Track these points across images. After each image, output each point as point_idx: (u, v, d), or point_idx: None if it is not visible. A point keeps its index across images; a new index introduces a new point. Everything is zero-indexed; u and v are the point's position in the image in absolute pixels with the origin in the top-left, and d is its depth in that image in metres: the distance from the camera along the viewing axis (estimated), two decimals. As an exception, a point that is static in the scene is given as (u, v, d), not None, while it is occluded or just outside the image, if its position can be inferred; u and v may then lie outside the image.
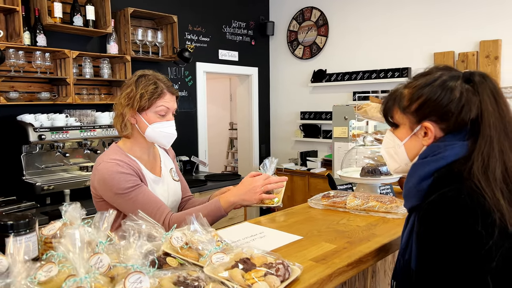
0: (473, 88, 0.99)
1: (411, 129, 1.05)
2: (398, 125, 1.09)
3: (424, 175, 0.98)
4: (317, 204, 1.65)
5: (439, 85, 1.00)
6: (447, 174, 0.95)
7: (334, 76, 4.97)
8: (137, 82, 1.55)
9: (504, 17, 3.79)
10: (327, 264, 1.06)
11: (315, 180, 4.82)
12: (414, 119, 1.04)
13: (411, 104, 1.03)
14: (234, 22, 5.20)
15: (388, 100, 1.11)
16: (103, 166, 1.52)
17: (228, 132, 7.14)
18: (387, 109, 1.11)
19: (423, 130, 1.03)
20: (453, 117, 0.98)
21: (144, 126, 1.56)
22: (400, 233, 1.33)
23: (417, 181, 1.00)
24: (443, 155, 0.97)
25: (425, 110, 1.01)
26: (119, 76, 3.84)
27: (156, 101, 1.54)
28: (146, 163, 1.65)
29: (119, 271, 0.81)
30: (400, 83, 1.12)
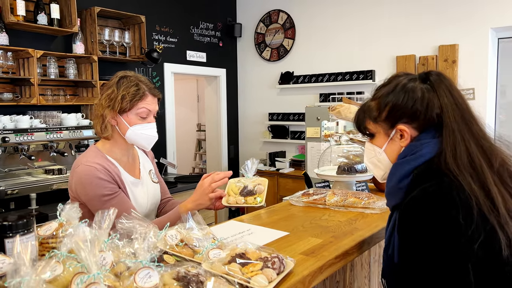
0: (431, 86, 1.06)
1: (387, 135, 1.11)
2: (374, 135, 1.15)
3: (404, 174, 1.04)
4: (298, 201, 1.70)
5: (400, 89, 1.08)
6: (426, 170, 1.01)
7: (301, 78, 5.08)
8: (118, 83, 1.53)
9: (460, 23, 4.02)
10: (317, 257, 1.11)
11: (284, 180, 4.89)
12: (387, 125, 1.10)
13: (381, 113, 1.10)
14: (202, 23, 5.20)
15: (359, 114, 1.18)
16: (82, 169, 1.50)
17: (195, 133, 7.10)
18: (360, 122, 1.18)
19: (398, 133, 1.08)
20: (422, 115, 1.05)
21: (124, 128, 1.54)
22: (380, 227, 1.41)
23: (398, 179, 1.05)
24: (421, 153, 1.03)
25: (395, 114, 1.08)
26: (85, 76, 3.74)
27: (138, 103, 1.53)
28: (125, 165, 1.63)
29: (121, 269, 0.81)
30: (366, 98, 1.20)
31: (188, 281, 0.86)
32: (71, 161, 3.53)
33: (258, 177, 1.60)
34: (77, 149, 3.51)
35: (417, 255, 0.96)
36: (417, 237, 0.96)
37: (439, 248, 0.93)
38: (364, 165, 1.88)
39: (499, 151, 1.02)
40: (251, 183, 1.55)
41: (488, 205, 0.92)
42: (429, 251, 0.94)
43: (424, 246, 0.95)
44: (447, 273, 0.92)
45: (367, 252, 1.75)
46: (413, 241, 0.97)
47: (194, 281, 0.87)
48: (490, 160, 0.99)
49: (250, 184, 1.54)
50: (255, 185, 1.54)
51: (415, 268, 0.97)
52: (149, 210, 1.70)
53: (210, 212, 4.22)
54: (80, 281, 0.67)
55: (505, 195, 0.95)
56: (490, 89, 4.03)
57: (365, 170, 1.88)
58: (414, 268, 0.98)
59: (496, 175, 0.97)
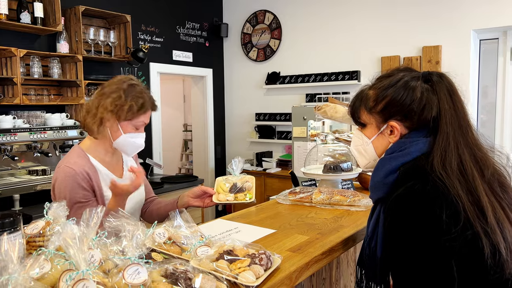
0: (432, 87, 1.05)
1: (378, 128, 1.11)
2: (366, 125, 1.14)
3: (391, 169, 1.05)
4: (285, 200, 1.72)
5: (401, 86, 1.06)
6: (412, 168, 1.02)
7: (288, 78, 5.11)
8: (127, 90, 1.53)
9: (443, 25, 4.10)
10: (304, 254, 1.12)
11: (271, 180, 4.91)
12: (380, 118, 1.10)
13: (377, 105, 1.09)
14: (188, 23, 5.19)
15: (355, 101, 1.17)
16: (62, 170, 1.51)
17: (182, 133, 7.07)
18: (354, 109, 1.17)
19: (389, 128, 1.09)
20: (416, 115, 1.04)
21: (117, 134, 1.55)
22: (364, 224, 1.43)
23: (384, 174, 1.06)
24: (409, 150, 1.04)
25: (390, 110, 1.07)
26: (70, 76, 3.70)
27: (139, 116, 1.55)
28: (108, 165, 1.64)
29: (110, 266, 0.82)
30: (365, 85, 1.18)
31: (177, 278, 0.87)
32: (56, 162, 3.48)
33: (245, 175, 1.61)
34: (62, 149, 3.47)
35: (402, 251, 0.98)
36: (402, 233, 0.98)
37: (422, 244, 0.94)
38: (349, 164, 1.91)
39: (491, 161, 1.03)
40: (239, 181, 1.57)
41: (475, 212, 0.93)
42: (413, 247, 0.95)
43: (408, 242, 0.96)
44: (430, 269, 0.94)
45: (353, 249, 1.78)
46: (398, 237, 0.99)
47: (183, 277, 0.88)
48: (482, 169, 0.99)
49: (238, 182, 1.56)
50: (243, 182, 1.56)
51: (399, 263, 0.99)
52: (132, 209, 1.70)
53: (197, 212, 4.21)
54: (69, 277, 0.67)
55: (495, 205, 0.96)
56: (472, 89, 4.12)
57: (351, 169, 1.90)
58: (398, 263, 0.99)
59: (487, 184, 0.98)
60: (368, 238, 1.12)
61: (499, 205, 0.97)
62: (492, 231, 0.93)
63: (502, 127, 4.02)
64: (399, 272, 1.00)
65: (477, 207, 0.94)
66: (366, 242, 1.13)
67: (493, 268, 0.93)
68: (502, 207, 0.97)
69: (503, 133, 4.02)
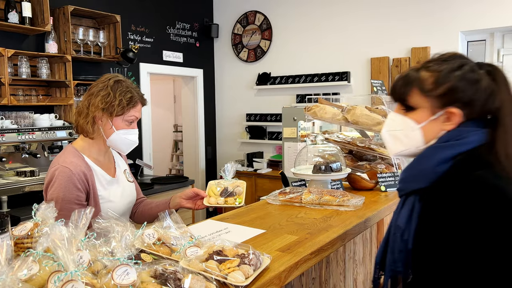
0: (493, 77, 1.01)
1: (432, 113, 1.03)
2: (415, 108, 1.05)
3: (445, 158, 0.99)
4: (275, 200, 1.72)
5: (467, 72, 1.00)
6: (470, 159, 0.97)
7: (278, 79, 5.12)
8: (113, 87, 1.55)
9: (432, 27, 4.15)
10: (293, 253, 1.13)
11: (261, 181, 4.92)
12: (438, 103, 1.02)
13: (436, 88, 1.01)
14: (178, 24, 5.17)
15: (402, 83, 1.07)
16: (59, 170, 1.52)
17: (172, 134, 7.04)
18: (402, 90, 1.06)
19: (446, 115, 1.02)
20: (479, 105, 0.99)
21: (110, 131, 1.57)
22: (354, 223, 1.44)
23: (436, 163, 1.00)
24: (467, 140, 0.99)
25: (451, 96, 1.00)
26: (58, 76, 3.67)
27: (130, 110, 1.57)
28: (102, 164, 1.65)
29: (99, 267, 0.82)
30: (411, 67, 1.10)
31: (166, 278, 0.87)
32: (44, 163, 3.45)
33: (236, 180, 1.62)
34: (50, 150, 3.44)
35: (446, 246, 0.93)
36: (465, 226, 0.91)
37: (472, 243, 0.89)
38: (339, 164, 1.93)
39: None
40: (230, 185, 1.57)
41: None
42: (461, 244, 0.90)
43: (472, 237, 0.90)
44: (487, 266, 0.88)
45: (342, 249, 1.79)
46: (456, 230, 0.92)
47: (172, 278, 0.88)
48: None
49: (229, 186, 1.57)
50: (234, 187, 1.56)
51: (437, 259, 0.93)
52: (125, 209, 1.71)
53: (188, 213, 4.20)
54: (57, 279, 0.67)
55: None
56: (460, 90, 4.17)
57: (340, 169, 1.92)
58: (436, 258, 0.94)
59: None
60: (402, 230, 1.04)
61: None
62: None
63: (489, 127, 4.09)
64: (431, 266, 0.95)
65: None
66: (397, 236, 1.04)
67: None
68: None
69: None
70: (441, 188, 0.96)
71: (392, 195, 1.86)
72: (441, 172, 0.98)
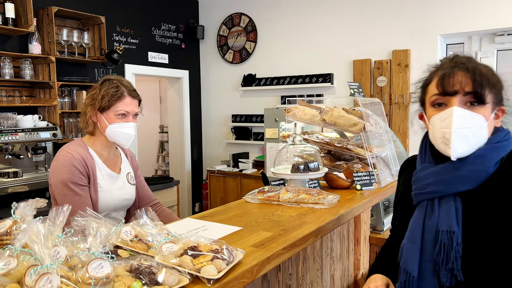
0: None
1: (492, 109, 1.02)
2: (486, 103, 1.01)
3: (497, 159, 1.00)
4: (254, 199, 1.78)
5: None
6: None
7: (264, 80, 5.18)
8: (101, 85, 1.71)
9: (412, 30, 4.25)
10: (266, 249, 1.18)
11: (247, 181, 4.97)
12: (497, 99, 1.02)
13: (498, 84, 1.03)
14: (164, 25, 5.20)
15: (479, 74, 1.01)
16: (61, 154, 1.67)
17: (158, 135, 7.05)
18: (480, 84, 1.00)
19: (498, 112, 1.04)
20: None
21: (104, 126, 1.70)
22: (327, 220, 1.50)
23: (492, 164, 1.00)
24: (510, 141, 1.02)
25: (503, 93, 1.03)
26: (42, 77, 3.67)
27: (116, 103, 1.68)
28: (105, 159, 1.78)
29: (75, 262, 0.86)
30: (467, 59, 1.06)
31: (141, 272, 0.92)
32: (27, 164, 3.45)
33: None
34: (34, 151, 3.44)
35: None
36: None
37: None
38: (316, 164, 1.99)
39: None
40: None
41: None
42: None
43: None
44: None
45: (319, 246, 1.85)
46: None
47: (147, 272, 0.92)
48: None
49: None
50: None
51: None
52: (120, 205, 1.82)
53: (172, 214, 4.22)
54: (34, 271, 0.71)
55: None
56: (439, 92, 4.27)
57: (318, 169, 1.98)
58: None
59: None
60: (457, 234, 0.99)
61: None
62: None
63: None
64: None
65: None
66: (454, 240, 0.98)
67: None
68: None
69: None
70: (491, 190, 0.98)
71: (367, 193, 1.93)
72: (490, 174, 0.99)
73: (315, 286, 1.83)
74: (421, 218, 1.05)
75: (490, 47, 4.08)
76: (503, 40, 3.98)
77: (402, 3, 4.28)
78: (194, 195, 5.71)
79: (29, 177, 3.25)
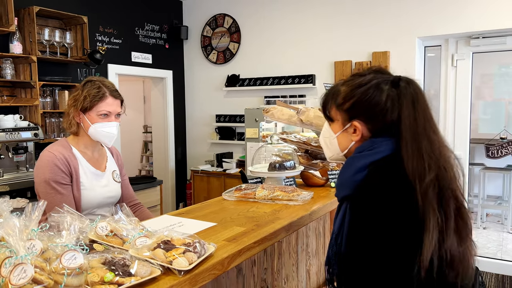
0: (398, 93, 1.07)
1: (343, 125, 1.14)
2: (333, 120, 1.17)
3: (360, 167, 1.07)
4: (231, 196, 1.83)
5: (370, 87, 1.08)
6: (381, 167, 1.05)
7: (247, 81, 5.24)
8: (84, 86, 1.76)
9: (391, 32, 4.36)
10: (237, 243, 1.24)
11: (231, 180, 5.01)
12: (346, 116, 1.13)
13: (345, 103, 1.12)
14: (147, 25, 5.21)
15: (327, 95, 1.18)
16: (44, 154, 1.72)
17: (142, 135, 7.05)
18: (325, 104, 1.19)
19: (352, 127, 1.12)
20: (378, 119, 1.08)
21: (87, 125, 1.74)
22: (299, 215, 1.56)
23: (353, 172, 1.08)
24: (379, 150, 1.07)
25: (356, 110, 1.10)
26: (23, 77, 3.66)
27: (98, 104, 1.73)
28: (89, 158, 1.82)
29: (50, 255, 0.90)
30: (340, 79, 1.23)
31: (114, 264, 0.96)
32: (8, 164, 3.44)
33: None
34: (15, 151, 3.43)
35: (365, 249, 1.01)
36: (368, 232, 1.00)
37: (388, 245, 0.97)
38: (293, 163, 2.05)
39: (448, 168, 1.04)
40: None
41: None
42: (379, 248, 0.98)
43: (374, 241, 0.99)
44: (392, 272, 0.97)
45: (295, 241, 1.92)
46: (364, 235, 1.01)
47: (120, 264, 0.97)
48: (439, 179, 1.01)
49: None
50: None
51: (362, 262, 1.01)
52: (104, 202, 1.86)
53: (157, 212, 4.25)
54: (8, 262, 0.75)
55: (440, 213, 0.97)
56: (417, 93, 4.39)
57: (294, 167, 2.04)
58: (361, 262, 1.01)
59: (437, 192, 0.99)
60: (335, 234, 1.13)
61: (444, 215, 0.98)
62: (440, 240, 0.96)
63: (446, 127, 4.31)
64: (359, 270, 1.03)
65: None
66: (333, 239, 1.13)
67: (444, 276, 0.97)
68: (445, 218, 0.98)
69: (447, 134, 4.31)
70: (358, 196, 1.05)
71: (341, 191, 2.00)
72: (358, 180, 1.06)
73: (291, 281, 1.89)
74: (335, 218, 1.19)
75: (466, 50, 4.21)
76: (478, 43, 4.10)
77: (382, 6, 4.38)
78: (178, 195, 5.73)
79: (10, 177, 3.24)
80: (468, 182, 4.34)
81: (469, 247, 1.03)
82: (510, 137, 4.58)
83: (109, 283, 0.88)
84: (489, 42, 4.06)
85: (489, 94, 6.05)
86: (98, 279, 0.88)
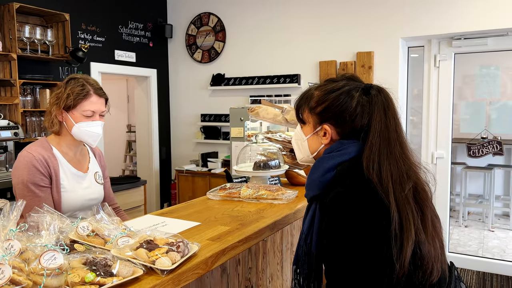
0: (369, 100, 1.11)
1: (314, 128, 1.18)
2: (305, 123, 1.21)
3: (328, 168, 1.10)
4: (215, 195, 1.82)
5: (341, 93, 1.12)
6: (348, 168, 1.08)
7: (232, 80, 5.22)
8: (67, 83, 1.70)
9: (375, 33, 4.40)
10: (222, 242, 1.23)
11: (216, 180, 4.99)
12: (318, 119, 1.16)
13: (317, 107, 1.16)
14: (131, 23, 5.15)
15: (301, 99, 1.22)
16: (23, 155, 1.65)
17: (125, 134, 6.97)
18: (298, 107, 1.22)
19: (323, 130, 1.16)
20: (348, 124, 1.12)
21: (70, 124, 1.68)
22: (284, 214, 1.56)
23: (322, 173, 1.11)
24: (346, 151, 1.11)
25: (327, 114, 1.14)
26: (3, 75, 3.58)
27: (82, 102, 1.67)
28: (70, 159, 1.76)
29: (29, 256, 0.88)
30: (314, 83, 1.24)
31: (96, 265, 0.95)
32: (-12, 164, 3.36)
33: None
34: (-6, 150, 3.35)
35: (337, 249, 1.02)
36: (338, 232, 1.02)
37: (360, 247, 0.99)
38: (277, 162, 2.05)
39: (415, 176, 1.08)
40: None
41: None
42: (350, 248, 1.00)
43: (343, 241, 1.01)
44: (363, 272, 0.99)
45: (279, 240, 1.92)
46: (334, 235, 1.03)
47: (102, 264, 0.95)
48: (402, 183, 1.03)
49: None
50: None
51: (333, 261, 1.03)
52: (86, 204, 1.80)
53: (141, 212, 4.20)
54: (-17, 263, 0.73)
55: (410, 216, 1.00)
56: (402, 92, 4.45)
57: (279, 166, 2.04)
58: (332, 260, 1.04)
59: (404, 197, 1.01)
60: (304, 235, 1.15)
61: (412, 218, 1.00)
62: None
63: (428, 127, 4.38)
64: (333, 269, 1.05)
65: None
66: (302, 239, 1.15)
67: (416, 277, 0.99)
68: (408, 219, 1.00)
69: (429, 133, 4.37)
70: (327, 196, 1.07)
71: (325, 190, 2.01)
72: (326, 180, 1.10)
73: (275, 280, 1.89)
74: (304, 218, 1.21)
75: (448, 50, 4.27)
76: (460, 44, 4.17)
77: (367, 7, 4.42)
78: (163, 195, 5.68)
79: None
80: (450, 181, 4.41)
81: (438, 243, 1.06)
82: (491, 136, 4.67)
83: (90, 283, 0.87)
84: (471, 43, 4.13)
85: (471, 95, 6.16)
86: (78, 280, 0.86)
